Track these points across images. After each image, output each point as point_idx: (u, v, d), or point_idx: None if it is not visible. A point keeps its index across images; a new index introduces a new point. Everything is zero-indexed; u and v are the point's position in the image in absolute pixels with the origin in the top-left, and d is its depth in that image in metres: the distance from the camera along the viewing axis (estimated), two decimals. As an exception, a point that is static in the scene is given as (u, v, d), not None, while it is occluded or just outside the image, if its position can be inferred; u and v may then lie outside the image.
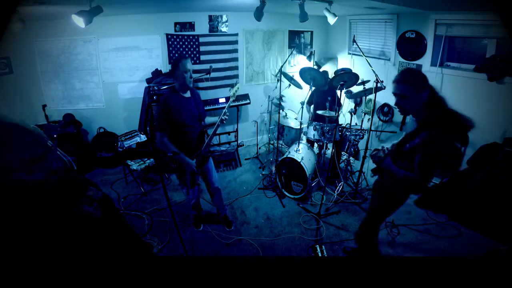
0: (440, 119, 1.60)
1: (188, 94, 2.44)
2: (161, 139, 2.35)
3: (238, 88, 2.51)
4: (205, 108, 3.96)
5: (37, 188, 0.90)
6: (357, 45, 3.56)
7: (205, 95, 4.34)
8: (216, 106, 4.18)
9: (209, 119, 2.66)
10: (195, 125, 2.45)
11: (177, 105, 2.34)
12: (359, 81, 3.45)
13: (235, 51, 4.48)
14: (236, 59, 4.53)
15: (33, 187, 0.90)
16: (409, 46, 3.65)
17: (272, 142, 4.63)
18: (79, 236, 0.95)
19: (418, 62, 3.60)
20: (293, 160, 3.33)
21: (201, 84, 4.31)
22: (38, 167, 0.89)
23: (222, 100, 4.25)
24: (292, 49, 4.72)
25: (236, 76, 4.63)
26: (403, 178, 1.72)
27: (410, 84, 1.65)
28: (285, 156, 3.45)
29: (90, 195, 0.98)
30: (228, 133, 4.72)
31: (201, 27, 4.15)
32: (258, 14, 3.10)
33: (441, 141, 1.58)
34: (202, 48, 4.20)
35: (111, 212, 1.06)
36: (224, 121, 2.41)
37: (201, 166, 2.54)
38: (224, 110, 2.40)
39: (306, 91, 3.78)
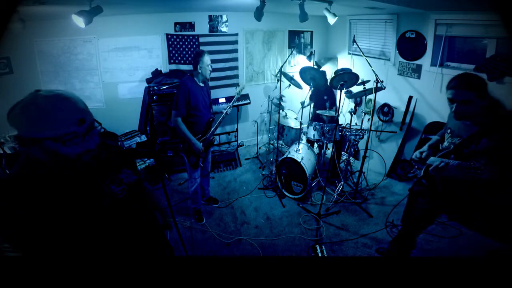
0: (505, 122, 1.60)
1: (202, 84, 2.76)
2: (175, 117, 2.62)
3: (243, 87, 3.09)
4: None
5: (70, 160, 0.94)
6: (357, 45, 3.56)
7: (205, 95, 4.35)
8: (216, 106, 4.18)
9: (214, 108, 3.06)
10: (205, 112, 2.78)
11: (194, 91, 2.66)
12: (359, 81, 3.45)
13: (235, 51, 4.48)
14: (236, 59, 4.53)
15: (66, 158, 0.93)
16: (409, 46, 3.64)
17: (272, 142, 4.62)
18: (99, 211, 0.99)
19: (418, 62, 3.60)
20: (293, 160, 3.33)
21: (201, 84, 4.32)
22: (80, 141, 0.93)
23: (222, 100, 4.26)
24: (292, 49, 4.72)
25: (236, 76, 4.62)
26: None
27: (475, 89, 1.60)
28: (285, 156, 3.45)
29: (122, 178, 1.06)
30: (228, 133, 4.72)
31: (201, 27, 4.15)
32: (258, 14, 3.10)
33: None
34: (202, 48, 4.20)
35: (137, 196, 1.13)
36: (228, 113, 2.89)
37: (205, 150, 2.84)
38: (230, 104, 2.94)
39: (306, 91, 3.78)
